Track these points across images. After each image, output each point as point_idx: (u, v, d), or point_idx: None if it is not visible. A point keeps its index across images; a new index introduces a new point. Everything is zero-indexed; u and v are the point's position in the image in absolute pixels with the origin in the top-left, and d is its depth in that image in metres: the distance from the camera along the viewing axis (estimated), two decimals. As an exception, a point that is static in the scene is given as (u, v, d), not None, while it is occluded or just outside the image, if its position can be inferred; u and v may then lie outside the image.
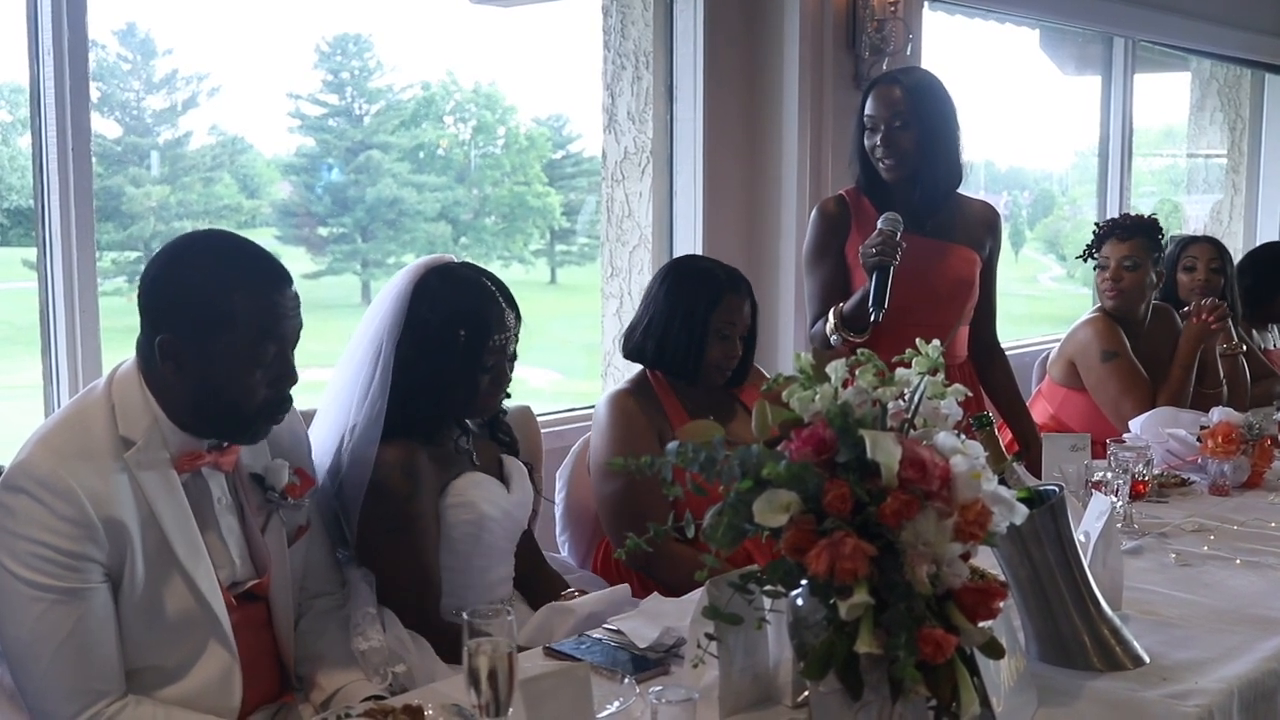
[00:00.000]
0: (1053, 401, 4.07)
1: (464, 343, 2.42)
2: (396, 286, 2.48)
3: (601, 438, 2.93)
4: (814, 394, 1.69)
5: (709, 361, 2.92)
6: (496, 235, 7.75)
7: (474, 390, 2.46)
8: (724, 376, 2.97)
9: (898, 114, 3.22)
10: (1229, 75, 7.51)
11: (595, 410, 3.03)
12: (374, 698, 2.05)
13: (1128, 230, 3.95)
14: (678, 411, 2.95)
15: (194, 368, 1.97)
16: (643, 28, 4.41)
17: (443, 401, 2.46)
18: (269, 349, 2.00)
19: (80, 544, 1.87)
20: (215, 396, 1.99)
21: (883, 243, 3.07)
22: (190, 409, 2.00)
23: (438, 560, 2.44)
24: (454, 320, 2.42)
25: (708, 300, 2.91)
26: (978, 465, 1.64)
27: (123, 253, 6.22)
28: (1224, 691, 1.94)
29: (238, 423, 2.04)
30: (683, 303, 2.92)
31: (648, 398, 2.95)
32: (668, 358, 2.94)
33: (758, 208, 4.56)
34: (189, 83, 6.07)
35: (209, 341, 1.97)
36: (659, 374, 2.99)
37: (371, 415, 2.39)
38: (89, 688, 1.90)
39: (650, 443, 2.81)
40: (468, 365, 2.44)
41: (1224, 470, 3.18)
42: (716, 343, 2.91)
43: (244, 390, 2.00)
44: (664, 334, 2.93)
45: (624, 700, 1.86)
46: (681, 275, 2.99)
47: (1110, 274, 3.94)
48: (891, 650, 1.53)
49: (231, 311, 1.96)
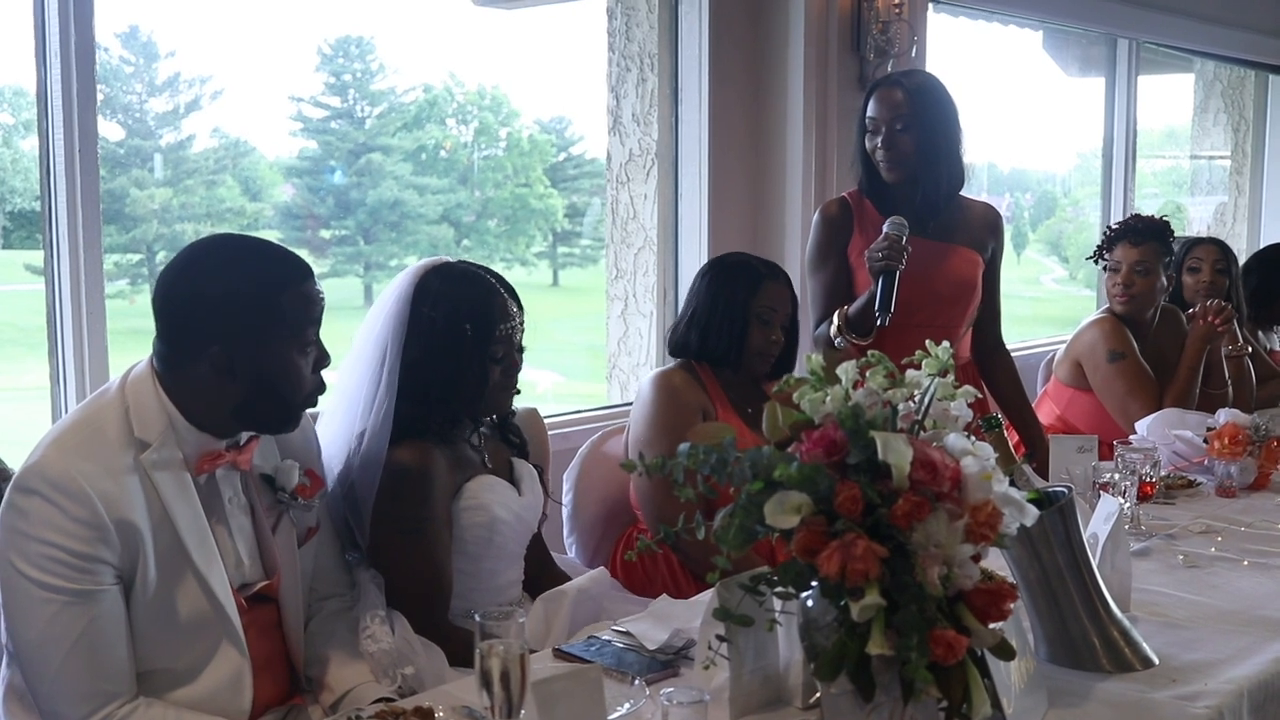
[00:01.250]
0: (1059, 402, 4.07)
1: (471, 336, 2.43)
2: (396, 290, 2.48)
3: (646, 414, 2.98)
4: (825, 395, 1.69)
5: (751, 347, 2.98)
6: (499, 237, 7.76)
7: (485, 383, 2.47)
8: (767, 364, 3.03)
9: (899, 116, 3.22)
10: (1233, 76, 7.51)
11: (639, 389, 3.08)
12: (384, 699, 2.05)
13: (1140, 234, 3.92)
14: (720, 397, 3.00)
15: (248, 372, 1.99)
16: (647, 30, 4.41)
17: (456, 399, 2.46)
18: (311, 335, 2.05)
19: (92, 546, 1.87)
20: (269, 394, 2.02)
21: (889, 247, 3.08)
22: (235, 410, 2.02)
23: (450, 562, 2.45)
24: (458, 315, 2.43)
25: (747, 287, 2.99)
26: (988, 467, 1.64)
27: (126, 255, 6.23)
28: (1234, 693, 1.94)
29: (287, 413, 2.09)
30: (724, 292, 3.01)
31: (694, 378, 3.01)
32: (711, 346, 3.00)
33: (762, 210, 4.56)
34: (191, 85, 6.08)
35: (264, 344, 2.00)
36: (704, 365, 3.04)
37: (380, 419, 2.40)
38: (100, 689, 1.90)
39: (694, 419, 2.90)
40: (477, 359, 2.45)
41: (1231, 471, 3.18)
42: (758, 328, 2.98)
43: (296, 381, 2.04)
44: (707, 324, 3.01)
45: (634, 702, 1.86)
46: (722, 268, 3.08)
47: (1122, 278, 3.92)
48: (903, 652, 1.53)
49: (281, 311, 2.00)
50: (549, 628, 2.46)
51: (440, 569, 2.43)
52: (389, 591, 2.36)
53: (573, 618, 2.46)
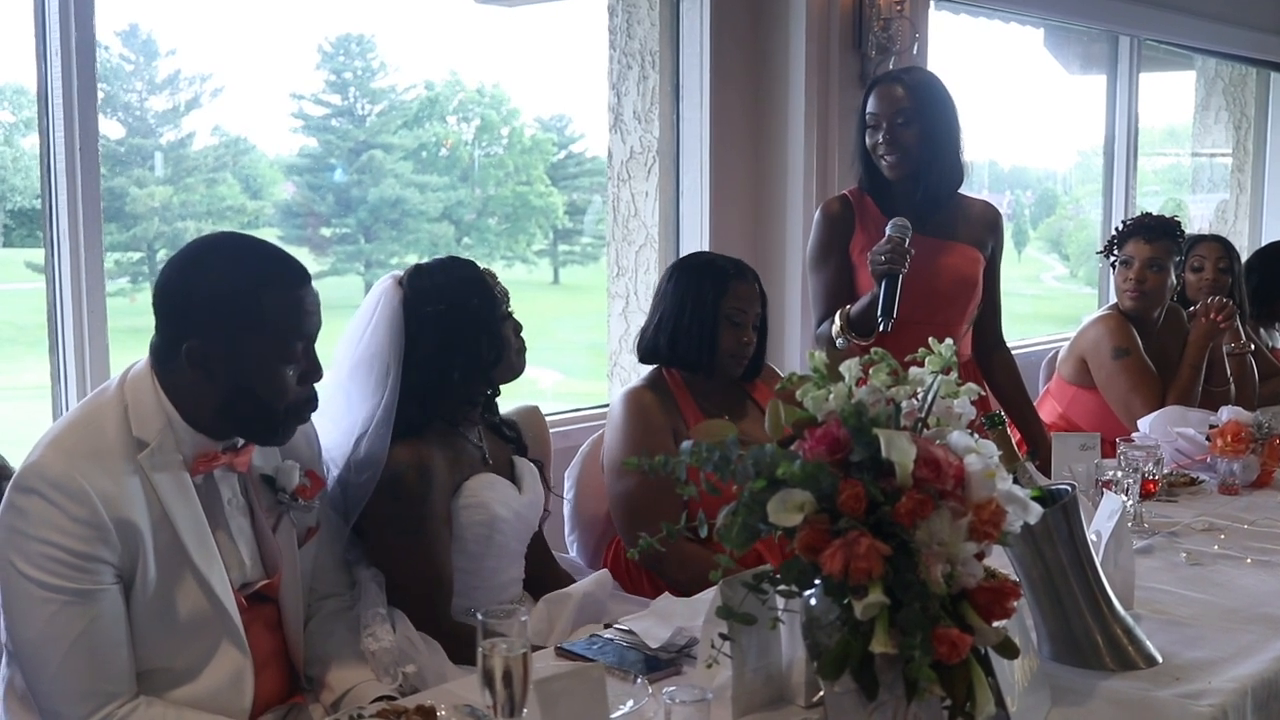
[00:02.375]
0: (1061, 400, 4.06)
1: (478, 305, 2.48)
2: (381, 305, 2.48)
3: (617, 434, 2.93)
4: (828, 393, 1.69)
5: (723, 350, 2.92)
6: (499, 235, 7.75)
7: (503, 345, 2.51)
8: (740, 365, 2.97)
9: (900, 111, 3.21)
10: (1234, 74, 7.50)
11: (610, 407, 3.03)
12: (385, 698, 2.05)
13: (1155, 231, 3.91)
14: (693, 409, 2.95)
15: (224, 371, 1.97)
16: (649, 27, 4.41)
17: (480, 372, 2.50)
18: (297, 346, 2.01)
19: (92, 545, 1.87)
20: (247, 398, 1.99)
21: (892, 250, 3.06)
22: (218, 412, 2.00)
23: (450, 560, 2.44)
24: (460, 295, 2.46)
25: (715, 288, 2.92)
26: (992, 464, 1.64)
27: (126, 254, 6.23)
28: (1237, 691, 1.94)
29: (269, 423, 2.04)
30: (691, 294, 2.93)
31: (664, 395, 2.95)
32: (681, 351, 2.93)
33: (764, 207, 4.55)
34: (192, 83, 6.07)
35: (239, 344, 1.97)
36: (674, 372, 2.98)
37: (382, 424, 2.40)
38: (100, 689, 1.89)
39: (666, 440, 2.82)
40: (491, 323, 2.49)
41: (1233, 469, 3.17)
42: (729, 330, 2.91)
43: (276, 389, 2.01)
44: (675, 328, 2.93)
45: (637, 701, 1.85)
46: (688, 269, 3.00)
47: (1134, 274, 3.90)
48: (906, 650, 1.53)
49: (260, 312, 1.97)
50: (552, 626, 2.45)
51: (441, 567, 2.42)
52: (390, 590, 2.36)
53: (576, 620, 2.46)
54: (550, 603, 2.49)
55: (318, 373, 2.06)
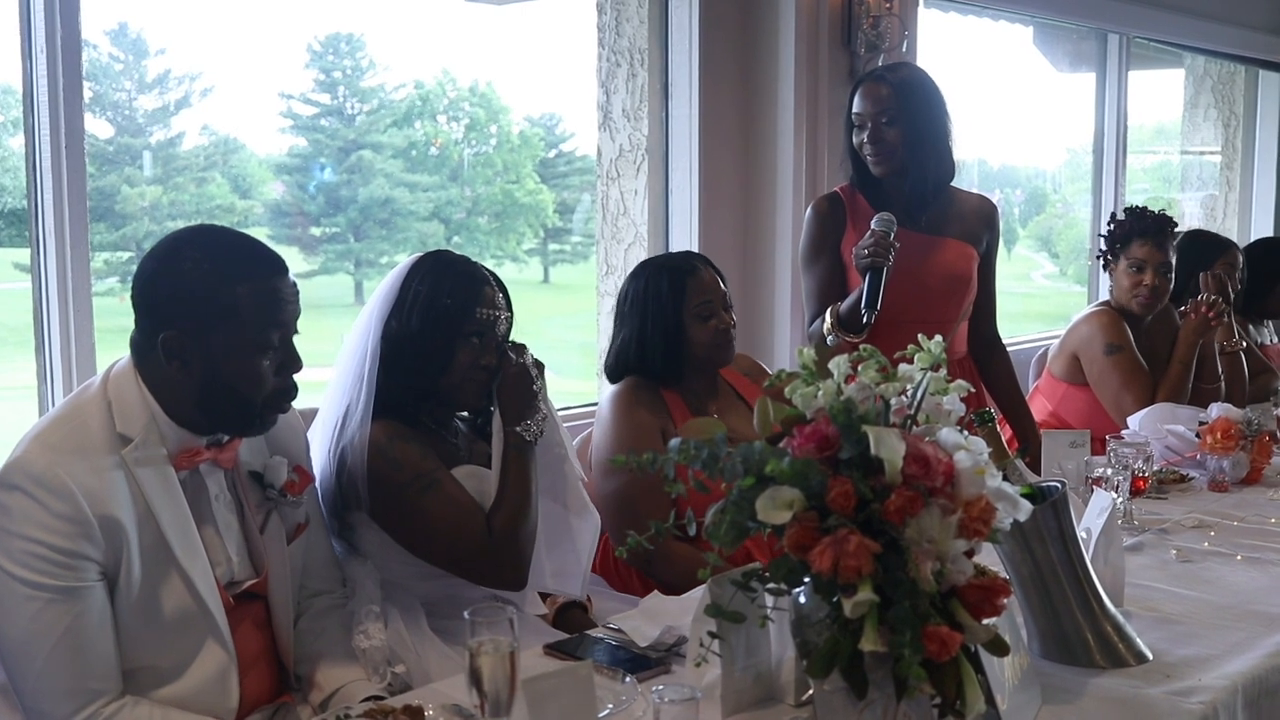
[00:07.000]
0: (1051, 398, 4.06)
1: (449, 307, 2.41)
2: (394, 271, 2.50)
3: (605, 434, 2.92)
4: (817, 390, 1.68)
5: (700, 344, 2.92)
6: (489, 234, 7.73)
7: (450, 359, 2.41)
8: (728, 350, 2.97)
9: (884, 110, 3.21)
10: (1223, 72, 7.51)
11: (598, 406, 3.03)
12: (373, 698, 2.04)
13: (1161, 234, 3.88)
14: (679, 407, 2.95)
15: (200, 362, 1.96)
16: (638, 25, 4.40)
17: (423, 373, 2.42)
18: (273, 337, 2.00)
19: (76, 542, 1.86)
20: (224, 389, 1.99)
21: (875, 244, 3.06)
22: (196, 404, 1.99)
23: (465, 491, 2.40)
24: (442, 290, 2.42)
25: (674, 290, 2.92)
26: (981, 461, 1.63)
27: (115, 253, 6.20)
28: (1227, 688, 1.94)
29: (247, 414, 2.04)
30: (652, 306, 2.94)
31: (651, 394, 2.95)
32: (649, 364, 2.94)
33: (753, 205, 4.54)
34: (181, 83, 6.05)
35: (214, 335, 1.96)
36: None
37: (364, 398, 2.38)
38: (85, 687, 1.89)
39: (654, 439, 2.82)
40: (448, 332, 2.41)
41: (1223, 466, 3.18)
42: (699, 326, 2.91)
43: (252, 380, 2.00)
44: (642, 341, 2.95)
45: (626, 699, 1.85)
46: (641, 280, 3.00)
47: (1149, 280, 3.89)
48: (896, 648, 1.52)
49: (234, 303, 1.96)
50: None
51: (464, 501, 2.37)
52: (435, 555, 2.35)
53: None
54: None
55: (296, 363, 2.06)
